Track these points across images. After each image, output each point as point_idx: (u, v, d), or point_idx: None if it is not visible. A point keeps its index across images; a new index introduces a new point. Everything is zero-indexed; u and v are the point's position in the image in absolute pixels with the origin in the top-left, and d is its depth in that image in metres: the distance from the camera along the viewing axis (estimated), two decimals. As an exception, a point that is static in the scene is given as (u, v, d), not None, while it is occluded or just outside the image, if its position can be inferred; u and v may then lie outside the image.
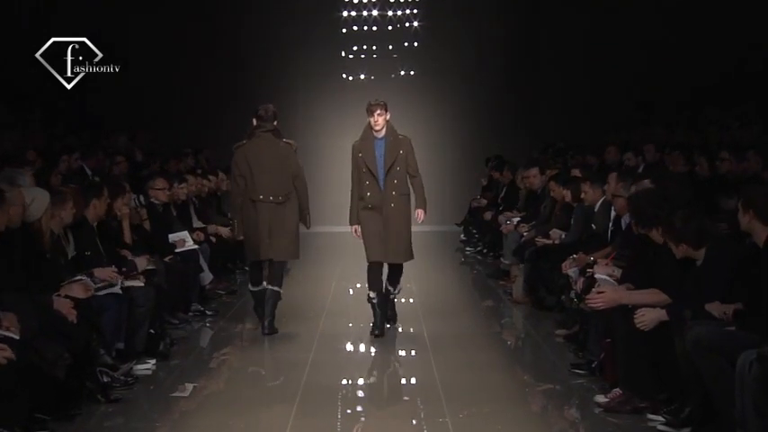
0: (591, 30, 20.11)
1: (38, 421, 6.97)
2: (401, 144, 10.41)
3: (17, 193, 7.68)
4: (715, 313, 6.73)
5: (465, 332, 10.83)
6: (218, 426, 7.45)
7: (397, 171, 10.33)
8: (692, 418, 6.89)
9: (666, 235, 7.36)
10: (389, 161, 10.30)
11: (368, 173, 10.34)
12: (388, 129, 10.40)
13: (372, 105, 10.33)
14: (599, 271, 8.64)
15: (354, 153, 10.44)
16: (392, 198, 10.32)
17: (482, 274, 14.67)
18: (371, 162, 10.32)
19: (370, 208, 10.34)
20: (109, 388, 7.94)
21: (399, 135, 10.45)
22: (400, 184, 10.40)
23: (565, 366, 8.90)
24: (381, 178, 10.32)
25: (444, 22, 20.97)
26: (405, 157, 10.36)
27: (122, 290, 8.66)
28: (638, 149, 13.76)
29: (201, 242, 12.11)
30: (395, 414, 7.54)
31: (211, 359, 9.88)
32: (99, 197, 9.38)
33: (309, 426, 7.40)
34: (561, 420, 7.82)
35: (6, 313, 6.62)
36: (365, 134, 10.45)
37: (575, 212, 11.23)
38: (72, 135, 15.08)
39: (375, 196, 10.34)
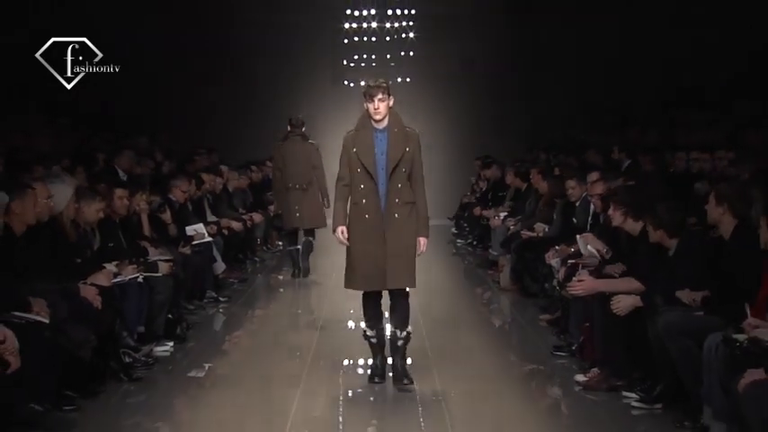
0: (573, 40, 20.10)
1: (66, 398, 7.01)
2: (409, 139, 7.63)
3: (43, 188, 7.69)
4: (684, 300, 6.75)
5: (457, 317, 10.86)
6: (231, 402, 7.49)
7: (402, 173, 7.56)
8: (663, 395, 6.94)
9: (648, 219, 7.38)
10: (394, 160, 7.54)
11: (364, 174, 7.58)
12: (392, 118, 7.65)
13: (372, 88, 7.56)
14: (590, 243, 8.65)
15: (347, 147, 7.67)
16: (395, 207, 7.57)
17: (472, 264, 14.70)
18: (369, 160, 7.55)
19: (366, 219, 7.60)
20: (131, 368, 7.99)
21: (407, 127, 7.71)
22: (405, 190, 7.61)
23: (547, 348, 8.93)
24: (382, 182, 7.56)
25: (437, 33, 20.94)
26: (411, 155, 7.60)
27: (143, 278, 8.63)
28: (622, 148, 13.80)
29: (215, 235, 12.13)
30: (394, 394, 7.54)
31: (224, 341, 9.95)
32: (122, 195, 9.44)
33: (314, 402, 7.43)
34: (544, 397, 7.86)
35: (37, 299, 6.64)
36: (362, 123, 7.68)
37: (557, 208, 11.26)
38: (96, 137, 15.07)
39: (373, 204, 7.60)
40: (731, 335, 5.70)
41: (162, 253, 9.60)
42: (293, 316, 11.62)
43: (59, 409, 6.85)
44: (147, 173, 12.49)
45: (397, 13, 21.39)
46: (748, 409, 5.16)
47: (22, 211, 7.17)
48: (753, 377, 5.20)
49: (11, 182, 7.89)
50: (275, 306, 12.28)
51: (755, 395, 5.10)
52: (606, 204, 8.23)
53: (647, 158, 12.05)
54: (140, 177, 11.49)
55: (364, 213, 7.60)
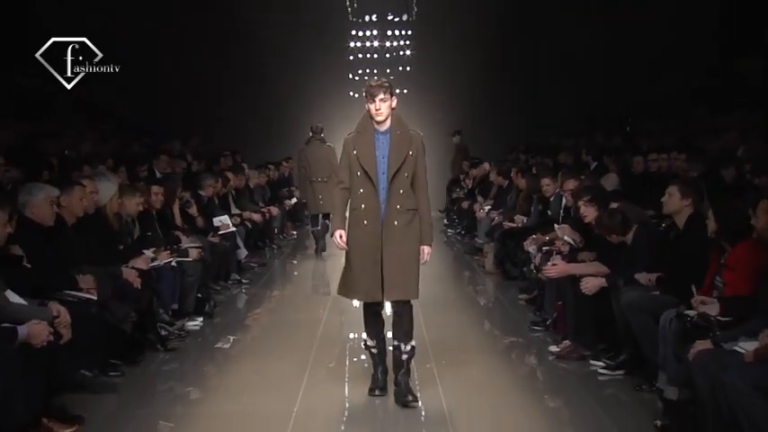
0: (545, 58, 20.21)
1: (111, 365, 7.09)
2: (412, 142, 6.41)
3: (90, 184, 7.74)
4: (642, 281, 6.80)
5: (447, 296, 10.86)
6: (253, 370, 7.52)
7: (404, 178, 6.36)
8: (625, 363, 7.01)
9: (598, 228, 7.46)
10: (395, 164, 6.33)
11: (364, 178, 6.36)
12: (395, 120, 6.46)
13: (373, 87, 6.41)
14: (566, 234, 8.67)
15: (347, 149, 6.47)
16: (396, 214, 6.35)
17: (461, 251, 14.71)
18: (370, 163, 6.35)
19: (365, 225, 6.37)
20: (166, 340, 8.07)
21: (410, 129, 6.50)
22: (407, 196, 6.39)
23: (526, 323, 8.97)
24: (383, 187, 6.34)
25: (431, 50, 21.01)
26: (414, 159, 6.40)
27: (176, 263, 8.70)
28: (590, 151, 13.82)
29: (238, 225, 12.16)
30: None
31: (246, 317, 9.96)
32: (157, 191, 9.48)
33: (323, 369, 7.46)
34: (522, 366, 7.86)
35: (84, 276, 6.68)
36: (363, 125, 6.47)
37: (534, 202, 11.29)
38: (136, 142, 15.10)
39: (372, 210, 6.36)
40: (683, 311, 5.73)
41: (192, 241, 9.64)
42: (306, 296, 11.66)
43: (105, 375, 6.93)
44: (180, 172, 12.53)
45: (395, 33, 21.48)
46: (697, 375, 5.19)
47: (71, 205, 7.22)
48: (701, 347, 5.23)
49: (62, 179, 7.95)
50: (290, 287, 12.31)
51: (703, 363, 5.12)
52: (577, 198, 8.24)
53: (611, 160, 12.08)
54: (175, 177, 11.53)
55: (363, 219, 6.38)
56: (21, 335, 5.33)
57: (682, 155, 10.45)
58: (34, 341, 5.38)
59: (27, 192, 6.77)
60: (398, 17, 21.52)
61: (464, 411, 6.29)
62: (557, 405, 6.60)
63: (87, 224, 7.48)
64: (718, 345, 5.17)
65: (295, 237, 16.52)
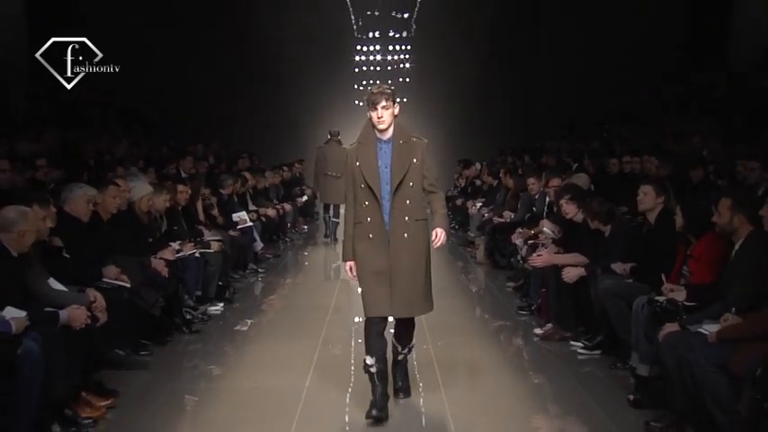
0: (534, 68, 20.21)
1: (142, 345, 7.11)
2: (414, 149, 5.52)
3: (123, 183, 7.75)
4: (617, 270, 6.81)
5: (442, 284, 10.76)
6: (269, 349, 7.54)
7: (410, 188, 5.47)
8: (601, 344, 7.03)
9: (586, 212, 7.43)
10: (399, 174, 5.44)
11: (368, 190, 5.47)
12: (397, 128, 5.55)
13: (375, 94, 5.48)
14: (546, 226, 8.68)
15: (349, 162, 5.60)
16: (403, 225, 5.47)
17: (455, 243, 14.67)
18: (372, 174, 5.46)
19: (371, 239, 5.48)
20: (191, 323, 8.09)
21: (413, 137, 5.59)
22: (414, 206, 5.50)
23: (513, 308, 8.98)
24: (386, 198, 5.47)
25: (428, 63, 21.03)
26: (419, 166, 5.50)
27: (199, 254, 8.72)
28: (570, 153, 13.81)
29: (255, 220, 12.16)
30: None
31: (262, 303, 9.97)
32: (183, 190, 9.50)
33: (332, 348, 7.50)
34: (510, 346, 7.87)
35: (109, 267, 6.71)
36: (364, 135, 5.59)
37: (521, 199, 11.29)
38: (164, 145, 15.11)
39: (377, 223, 5.47)
40: (654, 297, 5.75)
41: (214, 234, 9.67)
42: (316, 283, 11.66)
43: (137, 354, 6.95)
44: (203, 172, 12.55)
45: (396, 48, 21.51)
46: (665, 354, 5.20)
47: (106, 202, 7.24)
48: (669, 329, 5.24)
49: (99, 179, 7.97)
50: (302, 275, 12.31)
51: (671, 343, 5.13)
52: (559, 196, 8.24)
53: (590, 162, 12.07)
54: (199, 176, 11.55)
55: (368, 233, 5.47)
56: (62, 318, 5.36)
57: (652, 157, 10.44)
58: (74, 324, 5.40)
59: (68, 190, 6.80)
60: (399, 34, 21.60)
61: (458, 387, 6.30)
62: (540, 381, 6.61)
63: (121, 219, 7.50)
64: (684, 327, 5.17)
65: (306, 230, 16.53)
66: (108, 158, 11.40)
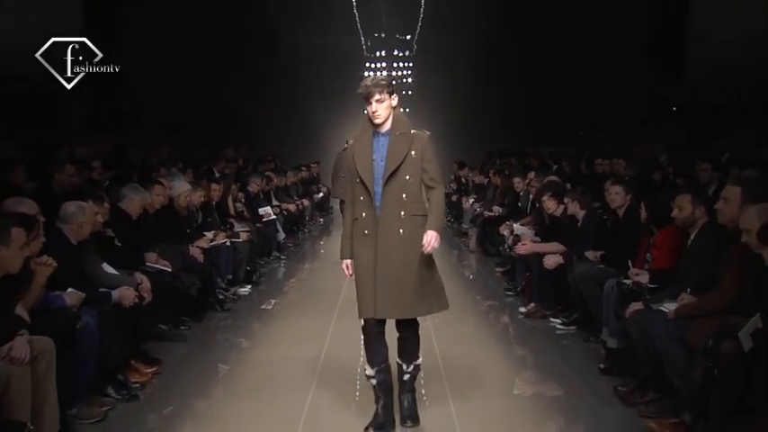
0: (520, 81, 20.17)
1: (182, 321, 7.16)
2: (413, 141, 4.52)
3: (166, 182, 7.79)
4: (590, 257, 6.82)
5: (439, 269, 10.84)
6: (290, 325, 7.57)
7: (406, 181, 4.48)
8: (577, 321, 7.05)
9: (569, 196, 7.43)
10: (392, 165, 4.45)
11: (361, 184, 4.53)
12: (396, 120, 4.61)
13: (369, 87, 4.58)
14: (519, 228, 8.78)
15: (348, 157, 4.69)
16: (397, 221, 4.48)
17: (450, 234, 14.69)
18: (365, 168, 4.51)
19: (366, 235, 4.53)
20: (223, 302, 8.11)
21: (413, 129, 4.60)
22: (412, 200, 4.51)
23: (501, 290, 8.99)
24: (378, 192, 4.48)
25: (427, 78, 21.04)
26: (418, 159, 4.50)
27: (230, 243, 8.75)
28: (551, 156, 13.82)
29: (278, 214, 12.20)
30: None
31: (284, 285, 9.99)
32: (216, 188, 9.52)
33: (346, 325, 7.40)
34: (498, 323, 7.87)
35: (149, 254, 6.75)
36: (362, 129, 4.71)
37: (508, 196, 11.30)
38: (200, 149, 15.14)
39: (371, 219, 4.51)
40: (621, 280, 5.76)
41: (242, 226, 9.68)
42: (331, 268, 11.63)
43: (177, 329, 7.01)
44: (233, 173, 12.59)
45: (400, 65, 21.61)
46: (631, 329, 5.22)
47: (152, 198, 7.28)
48: (634, 308, 5.26)
49: (146, 179, 8.01)
50: (318, 262, 12.31)
51: (636, 319, 5.15)
52: (541, 193, 8.26)
53: (568, 163, 12.08)
54: (229, 176, 11.59)
55: (363, 229, 4.52)
56: (114, 297, 5.42)
57: (620, 160, 10.47)
58: (124, 302, 5.46)
59: (131, 189, 6.85)
60: (402, 53, 21.75)
61: (453, 357, 6.32)
62: (524, 353, 6.64)
63: (163, 213, 7.54)
64: (647, 306, 5.18)
65: (322, 223, 16.56)
66: (153, 161, 11.46)
